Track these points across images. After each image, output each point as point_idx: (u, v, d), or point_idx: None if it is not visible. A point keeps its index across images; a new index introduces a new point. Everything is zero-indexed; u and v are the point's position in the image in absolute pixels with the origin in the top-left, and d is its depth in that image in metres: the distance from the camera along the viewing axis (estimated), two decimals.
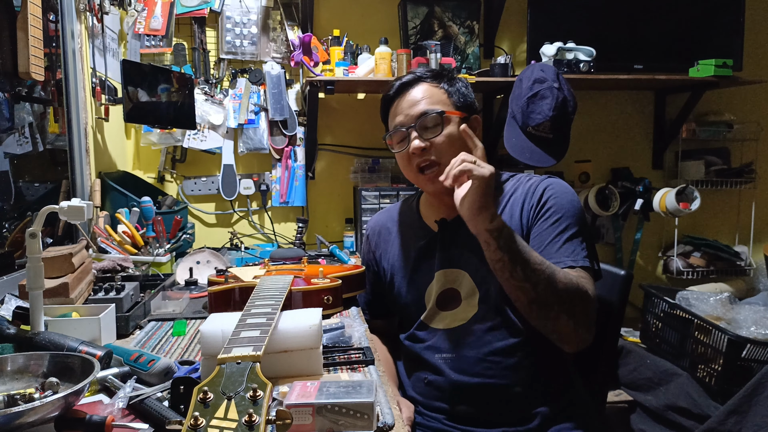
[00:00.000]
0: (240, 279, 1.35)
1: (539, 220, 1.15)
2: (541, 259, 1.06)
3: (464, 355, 1.16)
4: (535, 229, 1.15)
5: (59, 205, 1.01)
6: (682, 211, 2.49)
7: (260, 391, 0.62)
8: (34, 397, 0.77)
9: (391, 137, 1.25)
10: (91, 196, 1.90)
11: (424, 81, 1.23)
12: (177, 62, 2.41)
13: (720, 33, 2.58)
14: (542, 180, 1.20)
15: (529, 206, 1.17)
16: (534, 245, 1.13)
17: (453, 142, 1.18)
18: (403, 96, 1.23)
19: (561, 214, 1.14)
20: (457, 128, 1.19)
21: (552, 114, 1.91)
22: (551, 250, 1.12)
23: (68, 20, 1.82)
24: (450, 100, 1.22)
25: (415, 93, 1.22)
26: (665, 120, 2.78)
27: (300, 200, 2.57)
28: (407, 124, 1.20)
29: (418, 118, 1.19)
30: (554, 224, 1.14)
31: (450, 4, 2.53)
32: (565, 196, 1.16)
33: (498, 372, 1.13)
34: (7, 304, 1.20)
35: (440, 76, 1.24)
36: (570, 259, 1.11)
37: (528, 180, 1.22)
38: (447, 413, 1.17)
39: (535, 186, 1.19)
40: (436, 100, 1.21)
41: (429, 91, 1.22)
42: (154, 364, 0.91)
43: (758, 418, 1.71)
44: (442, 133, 1.18)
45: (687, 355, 2.07)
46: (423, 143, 1.18)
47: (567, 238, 1.12)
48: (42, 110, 1.73)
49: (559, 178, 1.22)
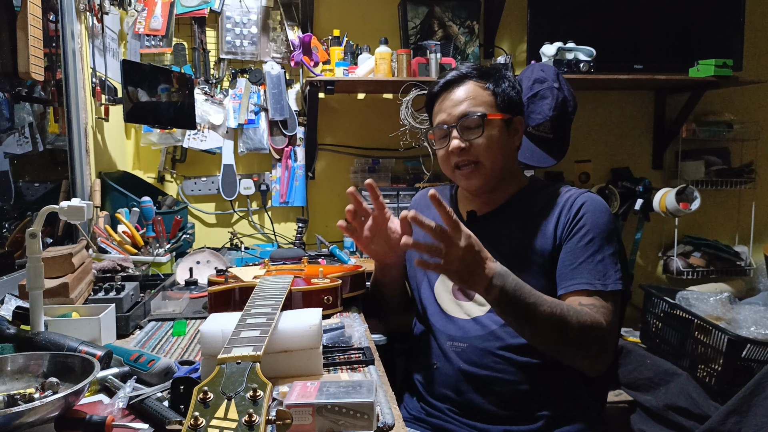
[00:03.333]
0: (240, 279, 1.35)
1: (573, 236, 1.15)
2: (551, 309, 1.04)
3: (476, 347, 1.16)
4: (569, 245, 1.15)
5: (59, 205, 1.01)
6: (682, 211, 2.49)
7: (260, 391, 0.62)
8: (34, 397, 0.77)
9: (433, 133, 1.27)
10: (91, 196, 1.90)
11: (469, 79, 1.23)
12: (177, 62, 2.41)
13: (720, 33, 2.57)
14: (580, 195, 1.20)
15: (564, 220, 1.17)
16: (566, 261, 1.14)
17: (492, 144, 1.20)
18: (448, 93, 1.24)
19: (595, 233, 1.14)
20: (498, 130, 1.21)
21: (552, 114, 1.91)
22: (583, 270, 1.12)
23: (68, 20, 1.82)
24: (494, 100, 1.22)
25: (460, 92, 1.23)
26: (665, 120, 2.78)
27: (300, 200, 2.57)
28: (449, 123, 1.22)
29: (460, 119, 1.20)
30: (588, 244, 1.14)
31: (450, 4, 2.53)
32: (601, 216, 1.17)
33: (507, 368, 1.14)
34: (7, 304, 1.20)
35: (487, 75, 1.24)
36: (600, 282, 1.11)
37: (566, 192, 1.22)
38: (452, 402, 1.17)
39: (572, 200, 1.19)
40: (480, 101, 1.21)
41: (474, 90, 1.22)
42: (154, 364, 0.91)
43: (758, 418, 1.71)
44: (482, 135, 1.19)
45: (687, 355, 2.07)
46: (463, 143, 1.20)
47: (600, 259, 1.13)
48: (42, 110, 1.73)
49: (596, 195, 1.22)
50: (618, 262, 1.14)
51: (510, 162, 1.27)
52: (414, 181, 2.46)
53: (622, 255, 1.17)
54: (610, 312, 1.10)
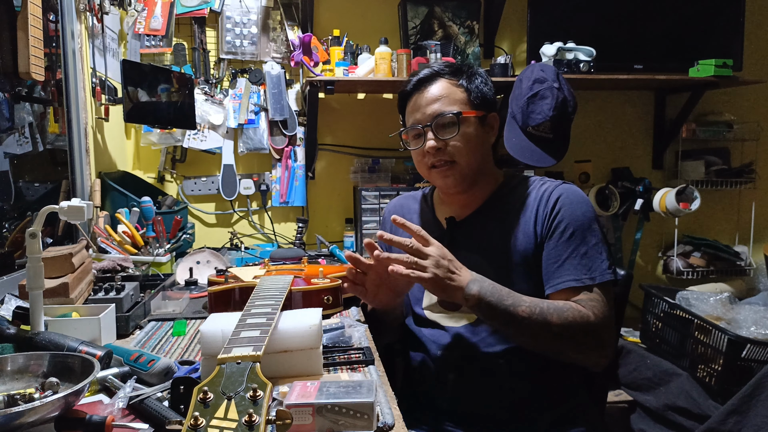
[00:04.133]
0: (240, 279, 1.35)
1: (553, 232, 1.14)
2: (530, 309, 1.04)
3: (469, 355, 1.15)
4: (550, 242, 1.14)
5: (59, 205, 1.01)
6: (682, 211, 2.49)
7: (260, 391, 0.62)
8: (34, 397, 0.77)
9: (407, 133, 1.24)
10: (91, 196, 1.90)
11: (442, 77, 1.21)
12: (177, 62, 2.41)
13: (720, 33, 2.57)
14: (556, 187, 1.18)
15: (543, 215, 1.15)
16: (550, 260, 1.13)
17: (468, 143, 1.18)
18: (420, 92, 1.22)
19: (575, 226, 1.13)
20: (473, 127, 1.19)
21: (552, 114, 1.91)
22: (569, 266, 1.11)
23: (68, 20, 1.81)
24: (468, 97, 1.20)
25: (433, 90, 1.20)
26: (665, 120, 2.78)
27: (300, 200, 2.57)
28: (423, 123, 1.19)
29: (435, 118, 1.18)
30: (570, 238, 1.12)
31: (450, 4, 2.53)
32: (579, 206, 1.15)
33: (504, 373, 1.13)
34: (7, 304, 1.20)
35: (459, 72, 1.22)
36: (587, 276, 1.09)
37: (541, 185, 1.20)
38: (450, 413, 1.17)
39: (548, 193, 1.17)
40: (453, 99, 1.19)
41: (447, 88, 1.20)
42: (154, 364, 0.91)
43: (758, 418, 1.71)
44: (457, 134, 1.17)
45: (687, 355, 2.07)
46: (438, 143, 1.17)
47: (584, 252, 1.11)
48: (42, 110, 1.73)
49: (572, 185, 1.20)
50: (603, 251, 1.12)
51: (485, 159, 1.24)
52: (414, 181, 2.46)
53: (605, 243, 1.14)
54: (601, 304, 1.08)
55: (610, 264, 1.12)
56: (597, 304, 1.07)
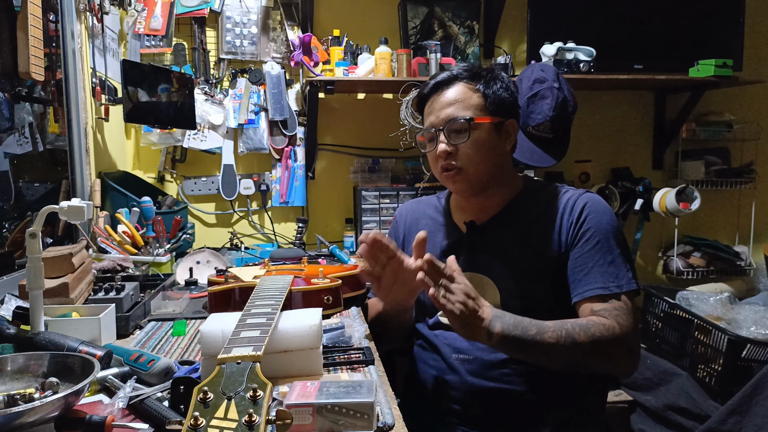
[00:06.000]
0: (240, 279, 1.35)
1: (579, 241, 1.14)
2: (556, 334, 1.04)
3: (482, 359, 1.15)
4: (576, 250, 1.14)
5: (59, 205, 1.01)
6: (682, 211, 2.49)
7: (260, 391, 0.62)
8: (34, 397, 0.77)
9: (423, 135, 1.25)
10: (91, 196, 1.90)
11: (459, 81, 1.21)
12: (177, 62, 2.41)
13: (720, 33, 2.57)
14: (580, 196, 1.19)
15: (568, 224, 1.16)
16: (576, 268, 1.13)
17: (480, 149, 1.18)
18: (437, 95, 1.22)
19: (601, 235, 1.13)
20: (487, 134, 1.18)
21: (552, 114, 1.91)
22: (595, 274, 1.11)
23: (68, 20, 1.81)
24: (484, 103, 1.19)
25: (449, 94, 1.20)
26: (665, 120, 2.78)
27: (300, 200, 2.57)
28: (437, 126, 1.20)
29: (447, 122, 1.18)
30: (596, 247, 1.13)
31: (450, 4, 2.53)
32: (605, 216, 1.16)
33: (514, 379, 1.13)
34: (7, 304, 1.20)
35: (478, 77, 1.21)
36: (614, 284, 1.10)
37: (565, 193, 1.21)
38: (458, 413, 1.16)
39: (573, 202, 1.17)
40: (468, 104, 1.19)
41: (463, 93, 1.20)
42: (154, 364, 0.91)
43: (758, 418, 1.71)
44: (468, 140, 1.17)
45: (687, 355, 2.07)
46: (449, 147, 1.18)
47: (610, 261, 1.12)
48: (42, 110, 1.73)
49: (595, 194, 1.21)
50: (627, 260, 1.13)
51: (500, 165, 1.23)
52: (414, 181, 2.46)
53: (629, 252, 1.16)
54: (627, 313, 1.09)
55: (634, 274, 1.14)
56: (621, 313, 1.08)
